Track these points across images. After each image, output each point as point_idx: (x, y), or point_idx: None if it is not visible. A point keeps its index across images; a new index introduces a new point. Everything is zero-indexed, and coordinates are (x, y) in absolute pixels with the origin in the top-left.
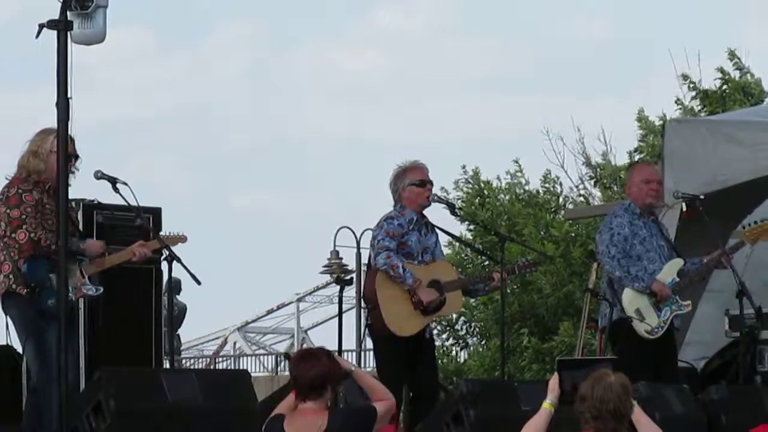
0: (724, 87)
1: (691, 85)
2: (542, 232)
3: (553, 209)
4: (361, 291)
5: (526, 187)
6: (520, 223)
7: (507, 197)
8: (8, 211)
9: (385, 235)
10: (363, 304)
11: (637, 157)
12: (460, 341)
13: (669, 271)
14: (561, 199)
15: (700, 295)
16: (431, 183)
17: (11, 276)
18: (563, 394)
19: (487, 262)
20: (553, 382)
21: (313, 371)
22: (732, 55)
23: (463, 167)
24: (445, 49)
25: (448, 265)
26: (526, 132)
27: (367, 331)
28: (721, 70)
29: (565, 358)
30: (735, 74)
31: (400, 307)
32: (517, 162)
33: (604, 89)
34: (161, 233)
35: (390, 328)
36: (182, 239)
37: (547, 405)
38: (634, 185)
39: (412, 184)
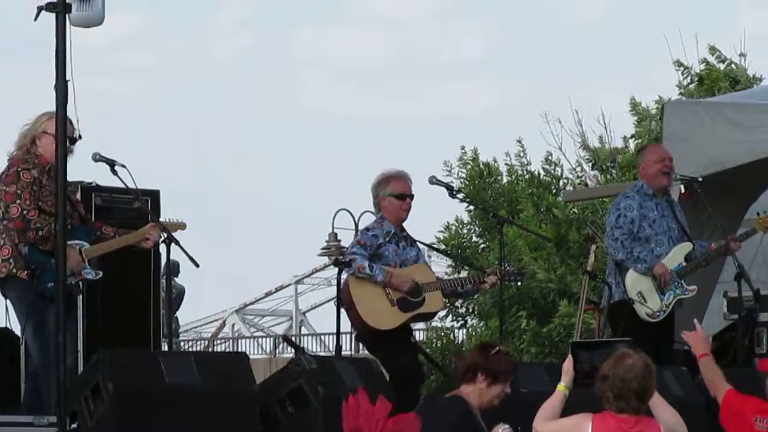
0: (712, 76)
1: (685, 71)
2: (543, 213)
3: (554, 191)
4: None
5: (528, 168)
6: (522, 202)
7: (507, 179)
8: (5, 188)
9: (355, 244)
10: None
11: (633, 142)
12: (460, 319)
13: (676, 256)
14: (561, 182)
15: (713, 287)
16: (411, 197)
17: (11, 260)
18: (578, 376)
19: (484, 245)
20: (567, 364)
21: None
22: (713, 50)
23: (462, 148)
24: (443, 30)
25: (426, 269)
26: (525, 115)
27: (354, 338)
28: (705, 61)
29: (580, 341)
30: (719, 66)
31: (375, 302)
32: (520, 142)
33: (602, 72)
34: (161, 219)
35: (367, 321)
36: (181, 226)
37: (562, 387)
38: (648, 165)
39: (392, 195)
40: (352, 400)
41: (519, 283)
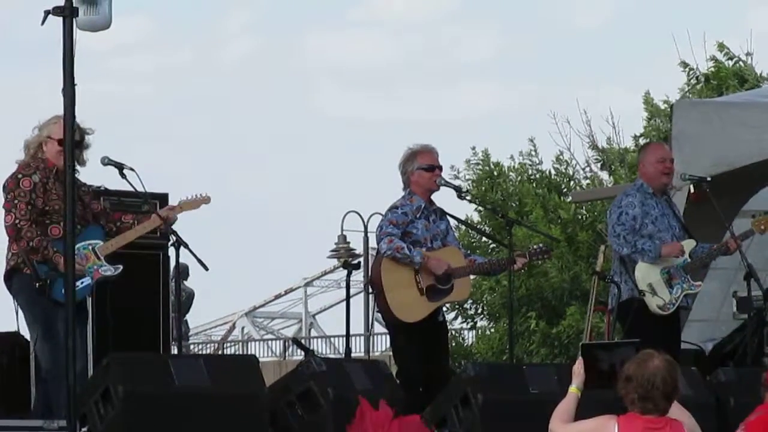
0: (721, 74)
1: (691, 72)
2: (550, 213)
3: (564, 191)
4: (368, 276)
5: (539, 167)
6: (528, 204)
7: (518, 178)
8: (6, 195)
9: (388, 224)
10: (369, 289)
11: (642, 141)
12: (469, 320)
13: None
14: (572, 182)
15: (705, 273)
16: (440, 168)
17: (19, 255)
18: (596, 377)
19: (494, 245)
20: (578, 366)
21: None
22: (721, 46)
23: (473, 148)
24: (450, 33)
25: (457, 252)
26: (533, 116)
27: (380, 316)
28: (714, 59)
29: (590, 342)
30: (728, 63)
31: (405, 292)
32: (532, 141)
33: (611, 73)
34: (182, 198)
35: (395, 314)
36: (205, 200)
37: (574, 389)
38: (649, 164)
39: (420, 168)
40: (358, 412)
41: (547, 258)
